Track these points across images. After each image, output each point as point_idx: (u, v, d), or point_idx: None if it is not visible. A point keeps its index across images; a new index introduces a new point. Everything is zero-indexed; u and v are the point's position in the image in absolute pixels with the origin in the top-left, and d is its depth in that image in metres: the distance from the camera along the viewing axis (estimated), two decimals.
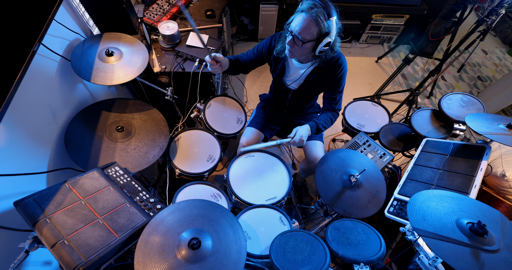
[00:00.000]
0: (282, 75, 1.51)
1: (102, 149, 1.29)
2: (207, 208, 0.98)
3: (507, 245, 0.81)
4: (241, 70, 1.59)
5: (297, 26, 1.16)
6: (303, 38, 1.17)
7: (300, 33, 1.16)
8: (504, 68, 3.48)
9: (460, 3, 2.32)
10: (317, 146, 1.67)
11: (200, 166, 1.58)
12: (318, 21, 1.12)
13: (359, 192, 1.28)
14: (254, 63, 1.54)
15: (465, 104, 1.65)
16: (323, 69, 1.37)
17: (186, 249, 0.83)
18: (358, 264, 1.03)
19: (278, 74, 1.51)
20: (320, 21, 1.12)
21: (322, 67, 1.37)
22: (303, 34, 1.16)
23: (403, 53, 3.44)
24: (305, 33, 1.16)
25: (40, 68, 1.14)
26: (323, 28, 1.14)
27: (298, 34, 1.17)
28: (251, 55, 1.52)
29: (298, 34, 1.17)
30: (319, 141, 1.70)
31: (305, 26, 1.14)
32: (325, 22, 1.13)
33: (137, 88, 1.96)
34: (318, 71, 1.40)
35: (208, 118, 1.76)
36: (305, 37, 1.17)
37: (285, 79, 1.54)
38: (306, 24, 1.14)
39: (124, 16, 1.41)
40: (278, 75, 1.52)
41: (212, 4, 2.08)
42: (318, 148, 1.66)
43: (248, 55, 1.54)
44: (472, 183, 1.19)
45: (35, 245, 0.86)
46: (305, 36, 1.16)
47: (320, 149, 1.67)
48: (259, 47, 1.50)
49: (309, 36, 1.16)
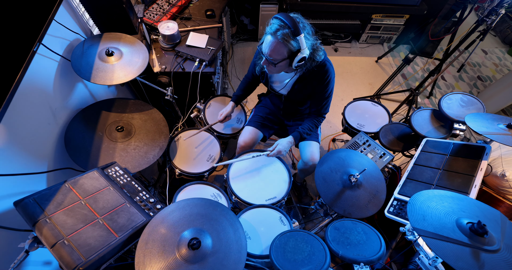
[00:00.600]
0: (267, 83, 1.55)
1: (102, 149, 1.29)
2: (208, 207, 0.98)
3: (507, 245, 0.81)
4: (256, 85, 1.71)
5: (266, 49, 1.20)
6: (274, 59, 1.20)
7: (270, 55, 1.20)
8: (504, 68, 3.48)
9: (460, 3, 2.32)
10: (312, 146, 1.67)
11: (200, 166, 1.58)
12: (285, 42, 1.14)
13: (359, 192, 1.28)
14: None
15: (465, 104, 1.65)
16: (310, 76, 1.38)
17: (186, 249, 0.83)
18: (358, 264, 1.03)
19: (265, 82, 1.57)
20: (287, 42, 1.14)
21: (305, 75, 1.38)
22: (273, 56, 1.19)
23: (403, 53, 3.44)
24: (275, 54, 1.19)
25: (40, 68, 1.14)
26: (292, 47, 1.16)
27: (269, 56, 1.20)
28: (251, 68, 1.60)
29: (268, 56, 1.20)
30: (314, 142, 1.69)
31: (273, 48, 1.17)
32: (292, 42, 1.14)
33: (137, 88, 1.96)
34: (303, 79, 1.41)
35: (208, 118, 1.76)
36: (276, 58, 1.20)
37: (273, 86, 1.57)
38: (273, 46, 1.17)
39: (124, 16, 1.41)
40: (265, 83, 1.57)
41: (212, 4, 2.08)
42: (313, 149, 1.66)
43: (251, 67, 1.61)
44: (472, 183, 1.19)
45: (35, 245, 0.86)
46: (276, 57, 1.19)
47: (315, 149, 1.66)
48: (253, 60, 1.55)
49: (279, 56, 1.19)
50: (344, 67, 3.21)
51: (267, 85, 1.58)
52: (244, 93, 1.71)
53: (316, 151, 1.66)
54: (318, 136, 1.74)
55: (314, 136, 1.71)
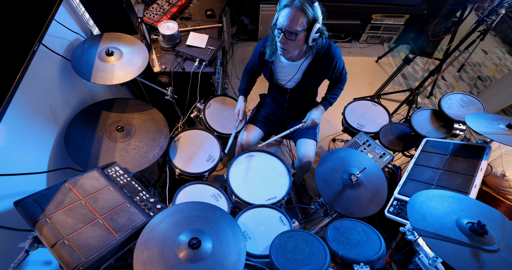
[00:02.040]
0: (272, 76, 1.53)
1: (102, 149, 1.29)
2: (207, 210, 0.98)
3: (507, 245, 0.81)
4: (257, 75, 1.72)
5: (285, 20, 1.16)
6: (294, 30, 1.17)
7: (290, 26, 1.17)
8: (504, 68, 3.48)
9: (460, 3, 2.31)
10: (308, 144, 1.66)
11: (200, 166, 1.58)
12: (304, 9, 1.13)
13: (360, 191, 1.28)
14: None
15: (465, 104, 1.65)
16: (318, 62, 1.39)
17: (186, 248, 0.83)
18: (358, 264, 1.03)
19: (269, 77, 1.54)
20: (306, 9, 1.13)
21: (316, 61, 1.38)
22: (293, 26, 1.16)
23: (403, 53, 3.44)
24: (295, 24, 1.16)
25: (40, 68, 1.14)
26: (310, 15, 1.15)
27: (288, 28, 1.17)
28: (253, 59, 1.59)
29: (288, 28, 1.17)
30: (311, 140, 1.68)
31: (293, 18, 1.15)
32: (310, 9, 1.14)
33: (137, 88, 1.96)
34: (314, 65, 1.41)
35: (208, 118, 1.76)
36: (296, 29, 1.17)
37: (278, 79, 1.55)
38: (294, 16, 1.14)
39: (124, 16, 1.41)
40: (269, 78, 1.55)
41: (212, 4, 2.08)
42: (309, 147, 1.65)
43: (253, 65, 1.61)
44: (472, 183, 1.19)
45: (35, 245, 0.86)
46: (296, 28, 1.17)
47: (311, 147, 1.65)
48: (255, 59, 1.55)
49: (300, 26, 1.17)
50: None
51: (272, 79, 1.55)
52: (249, 86, 1.72)
53: (311, 148, 1.65)
54: (316, 134, 1.73)
55: (312, 134, 1.71)
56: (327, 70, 1.43)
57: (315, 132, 1.73)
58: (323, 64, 1.40)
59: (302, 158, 1.63)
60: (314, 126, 1.74)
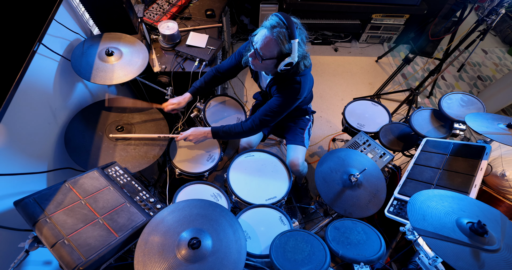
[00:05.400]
0: (257, 78, 1.53)
1: (102, 149, 1.29)
2: (207, 208, 0.98)
3: (507, 244, 0.81)
4: (221, 80, 1.56)
5: (259, 41, 1.16)
6: (263, 55, 1.16)
7: (260, 49, 1.16)
8: (504, 68, 3.48)
9: (460, 2, 2.31)
10: (295, 151, 1.65)
11: (200, 166, 1.58)
12: (278, 41, 1.11)
13: (360, 191, 1.28)
14: (239, 67, 1.50)
15: (465, 103, 1.65)
16: (279, 82, 1.34)
17: (186, 248, 0.83)
18: (358, 264, 1.03)
19: (254, 78, 1.54)
20: (280, 41, 1.11)
21: (279, 80, 1.34)
22: (263, 50, 1.16)
23: (403, 53, 3.44)
24: (265, 50, 1.15)
25: (40, 68, 1.14)
26: (283, 48, 1.13)
27: (260, 50, 1.16)
28: (233, 60, 1.49)
29: (259, 49, 1.16)
30: (301, 146, 1.67)
31: (265, 43, 1.13)
32: (286, 44, 1.12)
33: (137, 87, 1.96)
34: (275, 82, 1.36)
35: (208, 117, 1.76)
36: (265, 54, 1.16)
37: (260, 82, 1.56)
38: (266, 41, 1.13)
39: (124, 16, 1.41)
40: (255, 79, 1.55)
41: (212, 4, 2.08)
42: (296, 154, 1.64)
43: (231, 60, 1.50)
44: (472, 182, 1.19)
45: (35, 245, 0.86)
46: (265, 53, 1.16)
47: (299, 154, 1.63)
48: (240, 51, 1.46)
49: (269, 53, 1.16)
50: (344, 67, 3.21)
51: (256, 80, 1.56)
52: (206, 86, 1.55)
53: (299, 155, 1.63)
54: (304, 139, 1.71)
55: (299, 140, 1.69)
56: (274, 93, 1.36)
57: (303, 137, 1.71)
58: (277, 86, 1.34)
59: (290, 165, 1.62)
60: (301, 131, 1.72)
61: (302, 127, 1.75)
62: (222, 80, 1.57)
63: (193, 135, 1.43)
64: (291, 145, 1.68)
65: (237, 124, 1.42)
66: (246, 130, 1.40)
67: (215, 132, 1.44)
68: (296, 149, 1.66)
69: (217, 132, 1.43)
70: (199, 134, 1.44)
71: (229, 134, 1.43)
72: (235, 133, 1.42)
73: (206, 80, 1.55)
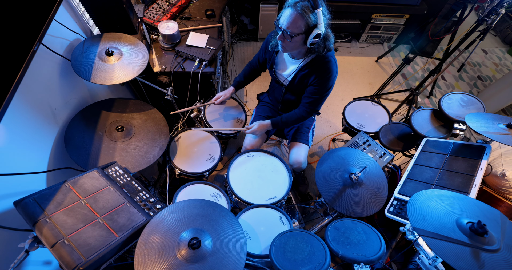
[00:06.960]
0: (272, 67, 1.55)
1: (102, 149, 1.29)
2: (207, 208, 0.98)
3: (507, 244, 0.81)
4: (258, 72, 1.72)
5: (285, 21, 1.20)
6: (291, 33, 1.20)
7: (288, 27, 1.20)
8: (504, 68, 3.48)
9: (460, 2, 2.31)
10: (299, 149, 1.67)
11: (200, 166, 1.58)
12: (304, 14, 1.15)
13: (361, 190, 1.28)
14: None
15: (465, 103, 1.65)
16: (313, 67, 1.38)
17: (186, 248, 0.83)
18: (358, 264, 1.03)
19: (270, 66, 1.56)
20: (306, 14, 1.15)
21: (309, 65, 1.38)
22: (290, 28, 1.19)
23: (403, 53, 3.44)
24: (292, 27, 1.19)
25: (40, 68, 1.14)
26: (309, 20, 1.17)
27: (287, 29, 1.20)
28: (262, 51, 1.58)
29: (286, 29, 1.20)
30: (304, 144, 1.70)
31: (291, 20, 1.18)
32: (310, 15, 1.16)
33: (137, 88, 1.96)
34: (308, 68, 1.40)
35: (208, 118, 1.76)
36: (293, 31, 1.20)
37: (277, 72, 1.56)
38: (292, 18, 1.17)
39: (124, 16, 1.41)
40: (270, 67, 1.57)
41: (212, 4, 2.08)
42: (300, 152, 1.66)
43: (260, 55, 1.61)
44: (472, 182, 1.19)
45: (35, 245, 0.86)
46: (293, 30, 1.19)
47: (302, 153, 1.67)
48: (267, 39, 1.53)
49: (297, 29, 1.19)
50: (344, 67, 3.21)
51: (272, 69, 1.57)
52: (245, 80, 1.72)
53: (302, 153, 1.67)
54: (308, 138, 1.74)
55: (304, 138, 1.71)
56: (314, 79, 1.41)
57: (308, 135, 1.74)
58: (311, 71, 1.40)
59: (292, 164, 1.66)
60: (306, 130, 1.75)
61: (308, 126, 1.78)
62: (259, 71, 1.72)
63: (259, 130, 1.59)
64: (296, 143, 1.70)
65: (292, 114, 1.56)
66: (301, 116, 1.55)
67: (275, 123, 1.58)
68: (300, 147, 1.68)
69: (277, 123, 1.58)
70: (264, 127, 1.59)
71: (286, 123, 1.58)
72: (292, 121, 1.57)
73: (245, 74, 1.70)
